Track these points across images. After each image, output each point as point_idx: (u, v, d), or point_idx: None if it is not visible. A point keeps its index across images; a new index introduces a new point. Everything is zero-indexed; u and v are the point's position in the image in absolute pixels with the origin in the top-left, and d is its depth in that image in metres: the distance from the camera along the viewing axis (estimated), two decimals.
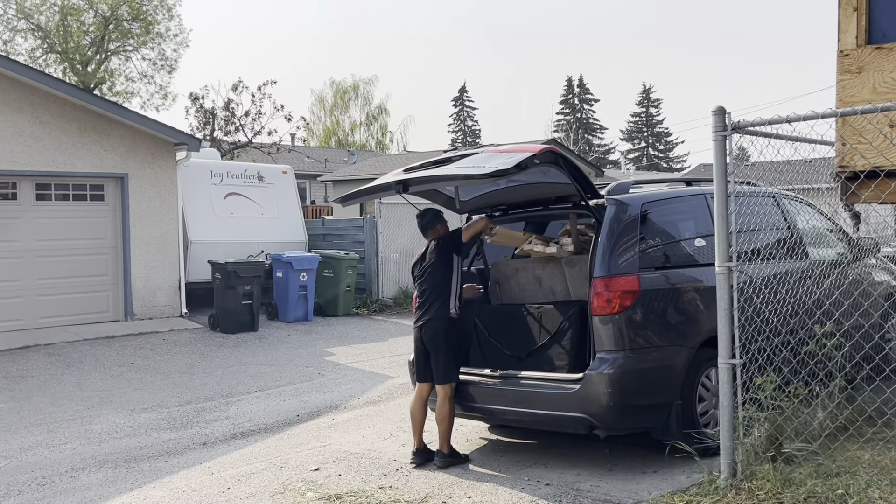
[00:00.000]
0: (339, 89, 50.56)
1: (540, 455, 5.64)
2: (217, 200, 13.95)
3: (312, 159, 33.01)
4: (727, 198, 4.37)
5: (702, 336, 5.25)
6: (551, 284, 6.00)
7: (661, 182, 6.45)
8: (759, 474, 4.20)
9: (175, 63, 36.32)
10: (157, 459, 6.10)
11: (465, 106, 72.00)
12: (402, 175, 5.46)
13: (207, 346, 10.97)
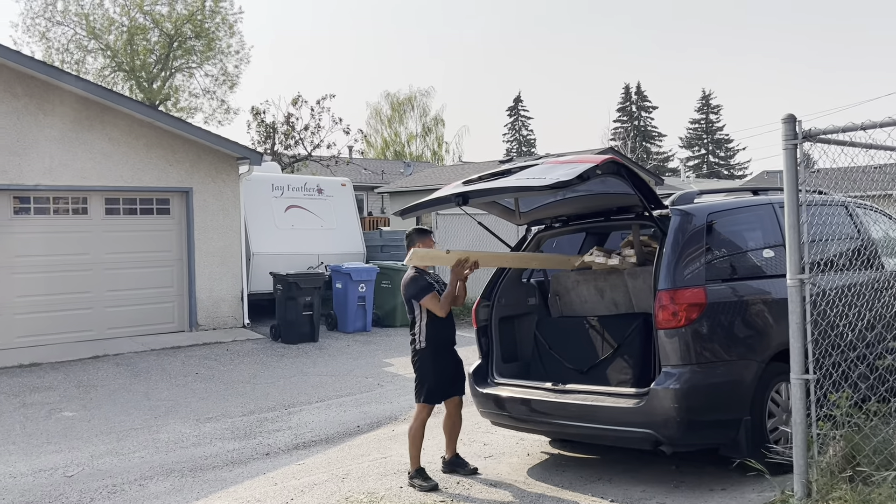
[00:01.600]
0: (395, 101, 51.06)
1: (603, 470, 5.54)
2: (278, 213, 14.19)
3: (369, 171, 33.38)
4: (798, 207, 4.23)
5: (771, 350, 5.09)
6: (613, 296, 5.91)
7: (727, 191, 6.30)
8: (835, 494, 4.04)
9: (236, 78, 37.19)
10: (221, 469, 6.20)
11: (519, 115, 71.87)
12: (461, 188, 5.45)
13: (269, 357, 11.14)
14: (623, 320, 5.61)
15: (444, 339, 5.63)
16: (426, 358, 5.58)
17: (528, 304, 6.34)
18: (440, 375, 5.58)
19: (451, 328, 5.70)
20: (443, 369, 5.59)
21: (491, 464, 5.90)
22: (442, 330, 5.60)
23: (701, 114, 67.48)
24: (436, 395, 5.60)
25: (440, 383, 5.59)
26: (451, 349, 5.69)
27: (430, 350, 5.56)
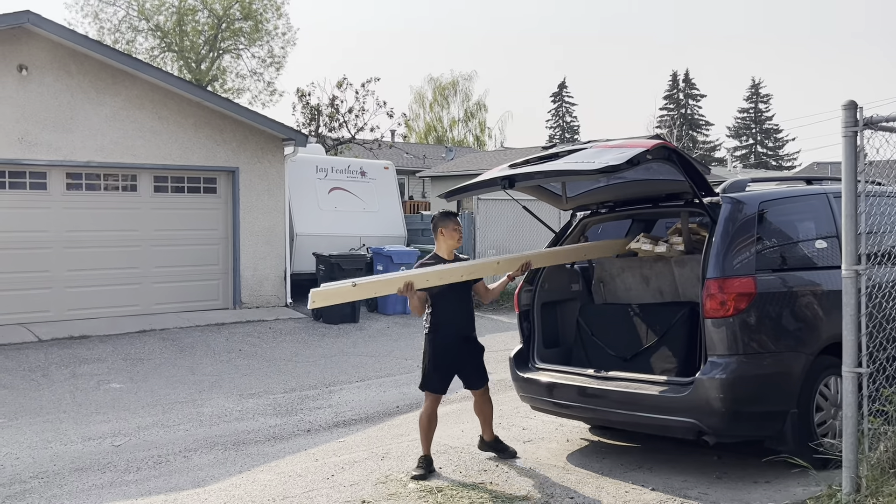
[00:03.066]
0: (438, 85, 50.91)
1: (644, 459, 5.50)
2: (322, 195, 14.30)
3: (411, 155, 33.44)
4: (857, 197, 4.12)
5: (821, 342, 4.99)
6: (659, 284, 5.83)
7: (779, 180, 6.15)
8: (886, 490, 3.95)
9: (282, 60, 37.55)
10: (263, 444, 6.30)
11: (564, 101, 71.15)
12: (507, 171, 5.42)
13: (311, 336, 11.27)
14: (669, 308, 5.54)
15: (448, 326, 5.41)
16: (427, 343, 5.46)
17: (572, 289, 6.30)
18: (439, 364, 5.39)
19: (462, 316, 5.47)
20: (443, 357, 5.39)
21: (530, 448, 5.89)
22: (447, 316, 5.41)
23: (750, 103, 66.03)
24: (433, 383, 5.42)
25: (438, 371, 5.39)
26: (457, 338, 5.44)
27: (430, 335, 5.42)
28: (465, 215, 15.22)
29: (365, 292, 5.50)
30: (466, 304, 5.49)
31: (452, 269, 5.28)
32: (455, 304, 5.43)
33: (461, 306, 5.46)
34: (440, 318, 5.40)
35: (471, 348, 5.51)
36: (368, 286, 5.53)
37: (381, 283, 5.64)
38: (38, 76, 11.02)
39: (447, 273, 5.25)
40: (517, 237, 14.45)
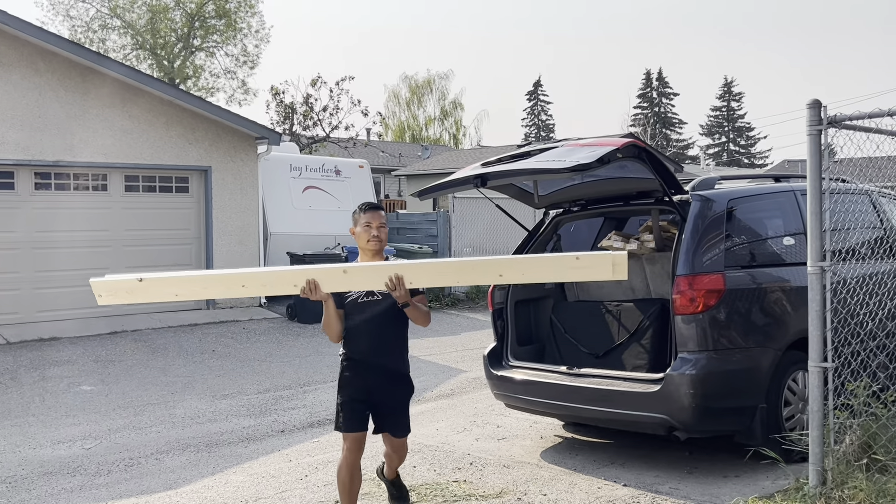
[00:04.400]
0: (414, 84, 50.90)
1: (616, 455, 5.54)
2: (296, 193, 14.23)
3: (387, 154, 33.39)
4: (821, 195, 4.19)
5: (789, 338, 5.06)
6: (631, 282, 5.88)
7: (747, 178, 6.23)
8: (850, 483, 4.02)
9: (256, 59, 37.27)
10: (237, 445, 6.26)
11: (539, 100, 71.43)
12: (480, 169, 5.43)
13: (285, 336, 11.21)
14: (640, 305, 5.59)
15: (364, 358, 4.15)
16: (340, 371, 4.26)
17: (545, 287, 6.33)
18: (346, 397, 4.17)
19: (384, 344, 4.16)
20: (353, 390, 4.15)
21: (504, 446, 5.91)
22: (364, 343, 4.13)
23: (722, 101, 66.77)
24: (340, 420, 4.18)
25: (346, 406, 4.15)
26: (377, 375, 4.17)
27: (343, 362, 4.25)
28: (440, 213, 15.23)
29: (159, 292, 3.76)
30: (393, 330, 4.17)
31: (377, 267, 3.83)
32: (378, 327, 4.11)
33: (386, 332, 4.14)
34: (354, 346, 4.15)
35: (395, 389, 4.26)
36: (178, 283, 3.88)
37: (200, 280, 4.14)
38: (4, 74, 10.85)
39: (365, 273, 3.84)
40: (494, 236, 14.50)
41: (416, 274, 3.77)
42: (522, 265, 3.87)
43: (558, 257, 3.89)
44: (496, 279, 4.05)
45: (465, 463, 5.51)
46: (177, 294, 3.81)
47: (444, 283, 4.46)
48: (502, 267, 3.78)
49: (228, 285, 4.06)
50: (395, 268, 3.79)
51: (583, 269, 3.65)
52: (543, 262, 3.92)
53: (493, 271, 3.87)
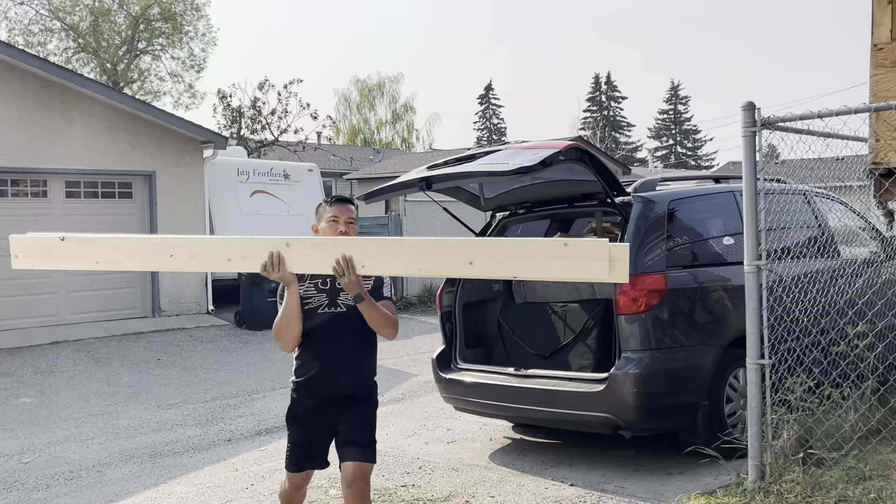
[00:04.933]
0: (365, 87, 50.66)
1: (564, 455, 5.58)
2: (243, 198, 14.04)
3: (338, 157, 33.14)
4: (757, 195, 4.29)
5: (730, 336, 5.16)
6: (576, 283, 5.94)
7: (689, 179, 6.35)
8: (788, 477, 4.11)
9: (203, 62, 36.70)
10: (182, 455, 6.14)
11: (490, 104, 71.80)
12: (425, 172, 5.43)
13: (233, 343, 11.05)
14: (585, 306, 5.65)
15: (317, 382, 3.42)
16: (291, 402, 3.56)
17: (493, 289, 6.35)
18: (298, 437, 3.53)
19: (347, 355, 3.41)
20: (305, 429, 3.51)
21: (454, 449, 5.92)
22: (314, 365, 3.39)
23: (669, 104, 68.01)
24: (288, 457, 3.58)
25: (296, 448, 3.54)
26: (332, 401, 3.43)
27: (293, 392, 3.55)
28: (392, 217, 15.19)
29: (80, 256, 3.28)
30: (365, 350, 3.50)
31: (324, 243, 3.25)
32: (344, 348, 3.40)
33: (354, 353, 3.44)
34: (310, 371, 3.42)
35: (354, 408, 3.47)
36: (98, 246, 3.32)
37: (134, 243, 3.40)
38: None
39: (309, 249, 3.20)
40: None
41: (369, 255, 3.10)
42: (499, 250, 3.03)
43: (542, 243, 3.07)
44: (464, 269, 3.02)
45: (415, 467, 5.49)
46: (97, 261, 3.28)
47: (402, 270, 3.40)
48: (474, 251, 3.02)
49: (154, 254, 3.30)
50: (343, 245, 3.13)
51: (571, 262, 2.81)
52: (524, 249, 3.00)
53: (463, 257, 3.00)
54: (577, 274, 2.94)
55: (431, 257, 3.10)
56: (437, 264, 3.10)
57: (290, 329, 3.31)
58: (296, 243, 3.15)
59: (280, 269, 3.12)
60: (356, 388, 3.50)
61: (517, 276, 3.09)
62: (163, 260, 3.30)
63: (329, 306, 3.40)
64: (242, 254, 3.19)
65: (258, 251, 3.15)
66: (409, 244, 3.27)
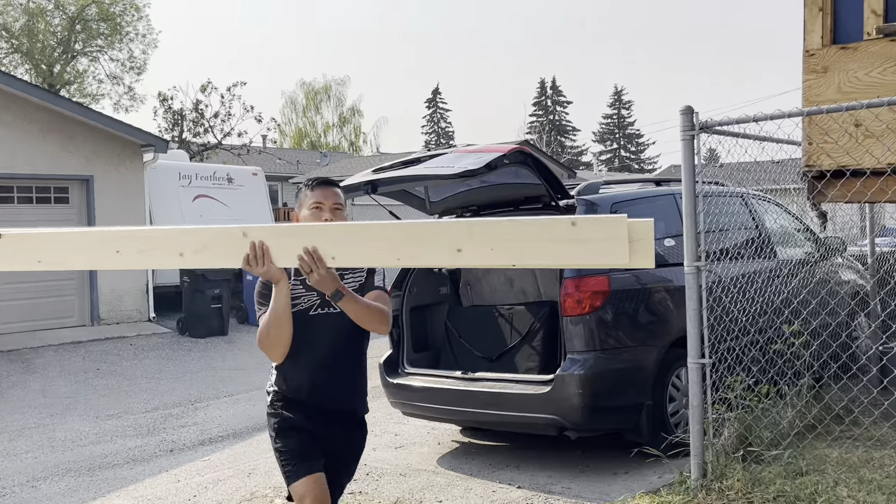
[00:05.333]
0: (311, 90, 50.25)
1: (512, 457, 5.60)
2: (185, 203, 13.77)
3: (284, 161, 32.77)
4: (696, 197, 4.37)
5: (672, 336, 5.25)
6: (522, 285, 5.97)
7: (631, 182, 6.45)
8: (728, 474, 4.20)
9: (144, 64, 35.84)
10: (121, 467, 5.97)
11: (438, 108, 71.94)
12: (370, 176, 5.39)
13: (175, 351, 10.81)
14: (531, 308, 5.68)
15: (304, 394, 2.94)
16: (273, 416, 3.00)
17: (440, 293, 6.34)
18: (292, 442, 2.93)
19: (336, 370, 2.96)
20: (299, 432, 2.94)
21: (402, 454, 5.88)
22: (302, 373, 2.93)
23: (613, 109, 69.10)
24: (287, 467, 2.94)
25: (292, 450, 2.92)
26: (322, 414, 2.96)
27: (275, 402, 3.00)
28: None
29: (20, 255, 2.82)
30: (356, 357, 3.04)
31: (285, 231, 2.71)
32: (335, 353, 2.95)
33: (345, 359, 2.99)
34: (295, 380, 2.95)
35: (353, 436, 3.09)
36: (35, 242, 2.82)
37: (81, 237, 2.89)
38: None
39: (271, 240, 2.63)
40: None
41: (339, 244, 2.58)
42: (492, 234, 2.43)
43: (544, 224, 2.39)
44: (452, 258, 2.49)
45: (362, 474, 5.44)
46: (40, 261, 2.82)
47: (379, 261, 2.65)
48: (463, 236, 2.46)
49: (101, 250, 2.77)
50: (306, 232, 2.64)
51: (581, 245, 2.31)
52: (521, 232, 2.40)
53: (450, 244, 2.47)
54: (590, 259, 2.37)
55: (413, 246, 2.53)
56: (419, 253, 2.55)
57: (283, 334, 2.81)
58: (252, 232, 2.64)
59: (265, 262, 2.60)
60: (355, 404, 3.05)
61: (516, 263, 2.49)
62: (109, 257, 2.76)
63: (322, 306, 2.90)
64: (195, 247, 2.63)
65: (212, 243, 2.65)
66: (386, 230, 2.59)
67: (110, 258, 2.78)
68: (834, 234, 7.13)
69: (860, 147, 3.94)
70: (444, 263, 3.15)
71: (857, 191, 3.95)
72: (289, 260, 2.64)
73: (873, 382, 4.99)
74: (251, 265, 2.61)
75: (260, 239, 2.60)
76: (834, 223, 7.45)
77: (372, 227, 2.62)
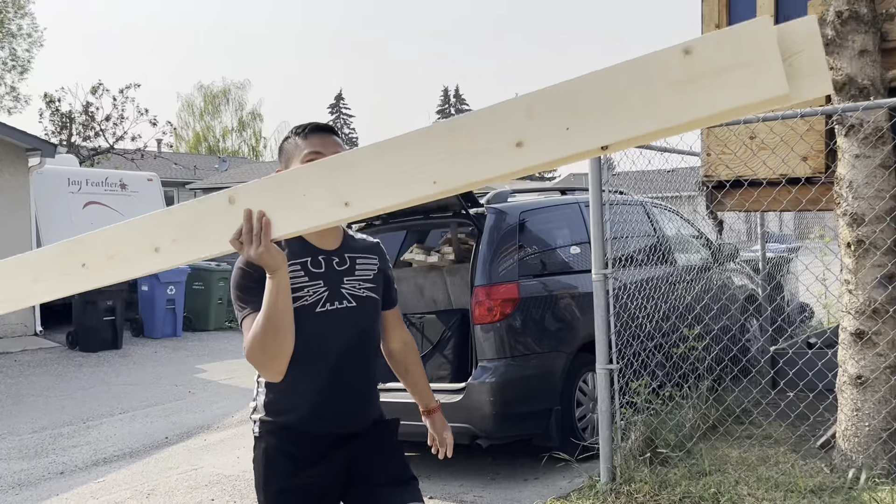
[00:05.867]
0: (209, 93, 48.90)
1: (423, 467, 5.54)
2: (75, 210, 13.07)
3: (181, 166, 31.70)
4: (602, 206, 4.46)
5: (579, 341, 5.34)
6: (433, 294, 5.95)
7: (537, 191, 6.55)
8: (636, 477, 4.29)
9: (28, 63, 33.90)
10: (6, 493, 5.56)
11: (341, 113, 71.44)
12: None
13: (65, 367, 10.22)
14: (442, 317, 5.66)
15: (312, 422, 2.21)
16: (257, 459, 2.29)
17: None
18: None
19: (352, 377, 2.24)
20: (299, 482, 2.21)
21: None
22: (310, 390, 2.20)
23: None
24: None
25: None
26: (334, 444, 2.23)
27: (263, 432, 2.29)
28: None
29: None
30: (373, 363, 2.34)
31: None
32: (352, 360, 2.24)
33: (365, 366, 2.31)
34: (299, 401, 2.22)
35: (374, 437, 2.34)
36: None
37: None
38: None
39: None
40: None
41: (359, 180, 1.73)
42: (564, 98, 1.56)
43: (647, 62, 1.48)
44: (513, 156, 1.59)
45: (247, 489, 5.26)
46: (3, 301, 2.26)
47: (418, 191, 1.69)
48: (524, 123, 1.57)
49: (64, 270, 2.11)
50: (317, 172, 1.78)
51: (710, 83, 1.42)
52: (614, 83, 1.51)
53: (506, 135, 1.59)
54: (729, 99, 1.40)
55: (457, 153, 1.61)
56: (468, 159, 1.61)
57: (285, 343, 1.98)
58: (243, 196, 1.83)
59: (264, 240, 1.79)
60: (370, 418, 2.34)
61: (612, 139, 1.50)
62: (77, 275, 2.08)
63: (330, 300, 2.16)
64: (172, 235, 1.91)
65: (193, 224, 1.90)
66: (420, 139, 1.68)
67: (79, 277, 2.07)
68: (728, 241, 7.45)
69: (756, 158, 4.11)
70: (502, 170, 1.61)
71: (754, 200, 4.12)
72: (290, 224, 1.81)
73: (769, 384, 5.23)
74: (246, 243, 1.80)
75: (259, 207, 1.80)
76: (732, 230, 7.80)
77: (401, 141, 1.69)
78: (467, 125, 1.65)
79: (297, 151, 2.14)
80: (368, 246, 2.35)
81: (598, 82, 1.53)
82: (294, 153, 2.15)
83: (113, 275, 2.05)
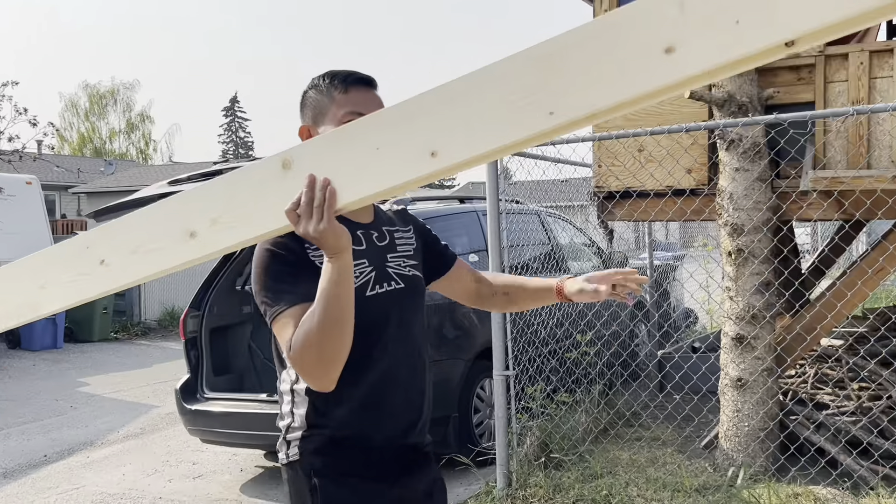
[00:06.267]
0: (95, 93, 46.75)
1: None
2: None
3: (63, 169, 30.11)
4: (499, 215, 4.52)
5: (476, 348, 5.39)
6: None
7: (437, 199, 6.58)
8: (531, 482, 4.36)
9: None
10: None
11: (236, 116, 69.69)
12: (166, 188, 5.05)
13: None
14: None
15: (380, 428, 1.79)
16: (301, 493, 1.77)
17: (243, 312, 6.07)
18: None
19: (414, 386, 1.89)
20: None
21: (201, 484, 5.54)
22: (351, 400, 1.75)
23: None
24: None
25: None
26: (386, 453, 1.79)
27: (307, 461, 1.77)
28: None
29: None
30: (421, 335, 1.96)
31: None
32: (409, 352, 1.89)
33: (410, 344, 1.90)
34: (360, 383, 1.76)
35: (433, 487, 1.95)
36: None
37: None
38: None
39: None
40: None
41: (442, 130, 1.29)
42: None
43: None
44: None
45: None
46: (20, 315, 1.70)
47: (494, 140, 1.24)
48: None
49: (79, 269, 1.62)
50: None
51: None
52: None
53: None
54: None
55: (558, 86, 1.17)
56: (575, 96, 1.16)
57: (347, 341, 1.56)
58: (300, 159, 1.42)
59: (327, 213, 1.38)
60: (425, 430, 1.94)
61: (802, 28, 0.99)
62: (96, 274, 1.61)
63: (378, 281, 1.82)
64: (212, 214, 1.48)
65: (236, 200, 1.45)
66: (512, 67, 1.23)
67: (100, 276, 1.61)
68: (618, 249, 7.71)
69: (644, 170, 4.27)
70: (654, 84, 1.10)
71: (642, 210, 4.28)
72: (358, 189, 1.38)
73: (657, 387, 5.43)
74: (304, 218, 1.38)
75: (321, 171, 1.38)
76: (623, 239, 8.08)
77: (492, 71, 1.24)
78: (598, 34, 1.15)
79: (332, 107, 1.76)
80: (399, 215, 2.05)
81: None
82: (327, 108, 1.77)
83: (139, 272, 1.59)
